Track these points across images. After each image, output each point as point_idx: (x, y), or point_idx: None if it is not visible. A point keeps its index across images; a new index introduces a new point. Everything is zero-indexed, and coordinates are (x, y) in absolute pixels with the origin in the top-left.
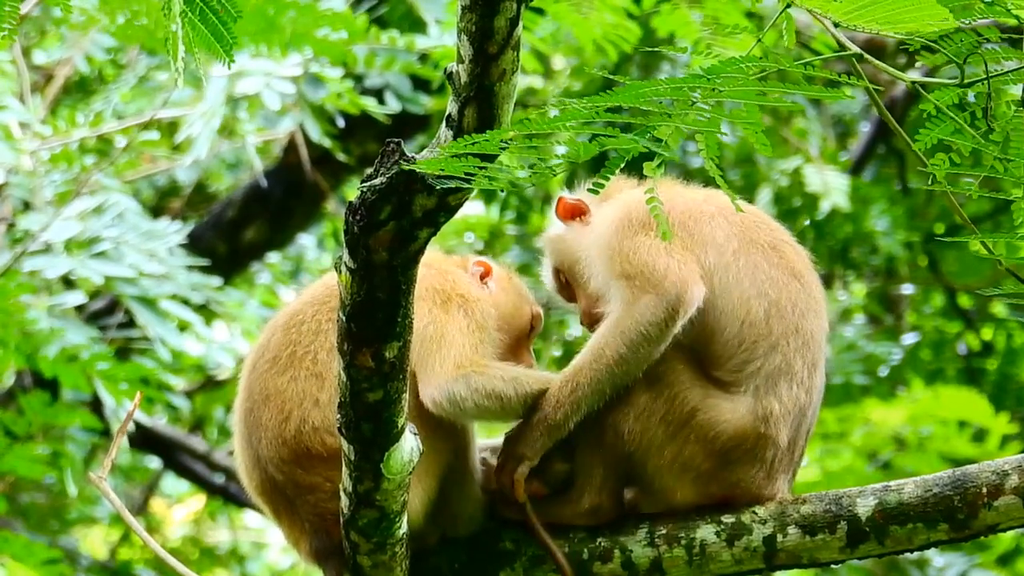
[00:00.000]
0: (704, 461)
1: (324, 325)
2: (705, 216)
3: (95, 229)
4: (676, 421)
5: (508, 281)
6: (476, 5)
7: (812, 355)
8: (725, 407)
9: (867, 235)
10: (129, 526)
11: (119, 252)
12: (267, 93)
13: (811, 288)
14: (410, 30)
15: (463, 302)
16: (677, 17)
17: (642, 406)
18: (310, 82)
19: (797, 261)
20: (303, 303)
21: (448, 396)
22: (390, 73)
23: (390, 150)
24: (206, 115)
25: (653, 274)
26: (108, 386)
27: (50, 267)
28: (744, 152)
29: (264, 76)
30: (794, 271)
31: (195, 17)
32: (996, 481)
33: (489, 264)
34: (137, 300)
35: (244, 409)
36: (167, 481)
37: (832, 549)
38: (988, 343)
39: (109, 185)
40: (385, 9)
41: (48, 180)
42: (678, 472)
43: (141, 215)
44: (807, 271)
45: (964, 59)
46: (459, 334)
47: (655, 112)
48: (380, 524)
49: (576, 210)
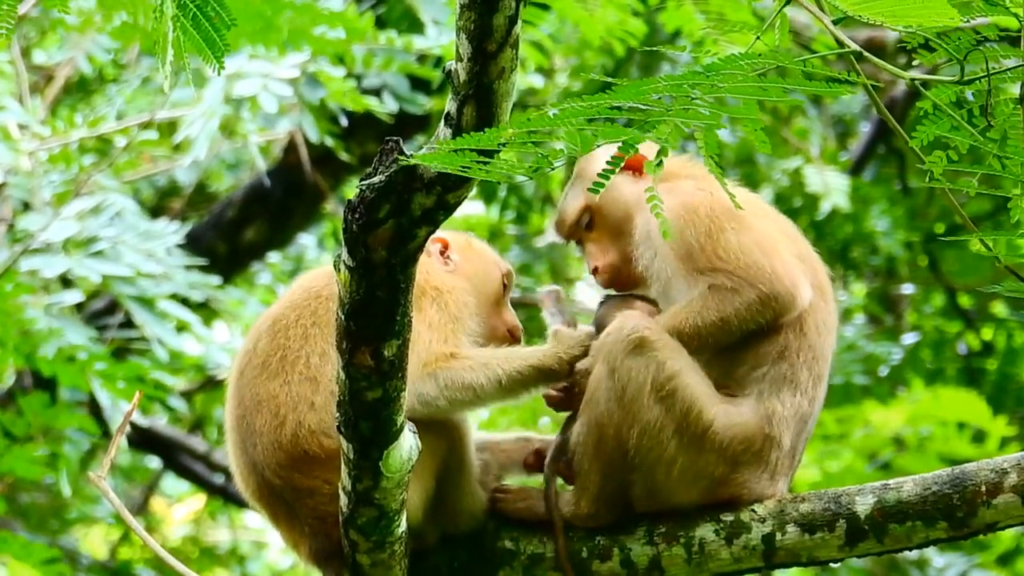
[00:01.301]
0: (716, 468)
1: (310, 330)
2: (766, 215)
3: (93, 229)
4: (691, 435)
5: (469, 248)
6: (475, 3)
7: (819, 368)
8: (733, 412)
9: (867, 235)
10: (129, 526)
11: (117, 252)
12: (264, 95)
13: (831, 306)
14: (408, 30)
15: (437, 295)
16: (683, 13)
17: (652, 422)
18: (308, 83)
19: (822, 276)
20: (284, 307)
21: (418, 398)
22: (388, 73)
23: (389, 148)
24: (205, 116)
25: (760, 273)
26: (106, 385)
27: (48, 266)
28: (744, 152)
29: (261, 78)
30: (821, 287)
31: (187, 22)
32: (995, 479)
33: (445, 238)
34: (135, 300)
35: (236, 416)
36: (167, 481)
37: (831, 547)
38: (988, 343)
39: (108, 185)
40: (383, 9)
41: (47, 180)
42: (690, 480)
43: (139, 215)
44: (828, 287)
45: (964, 56)
46: (426, 330)
47: (655, 109)
48: (379, 523)
49: (637, 163)
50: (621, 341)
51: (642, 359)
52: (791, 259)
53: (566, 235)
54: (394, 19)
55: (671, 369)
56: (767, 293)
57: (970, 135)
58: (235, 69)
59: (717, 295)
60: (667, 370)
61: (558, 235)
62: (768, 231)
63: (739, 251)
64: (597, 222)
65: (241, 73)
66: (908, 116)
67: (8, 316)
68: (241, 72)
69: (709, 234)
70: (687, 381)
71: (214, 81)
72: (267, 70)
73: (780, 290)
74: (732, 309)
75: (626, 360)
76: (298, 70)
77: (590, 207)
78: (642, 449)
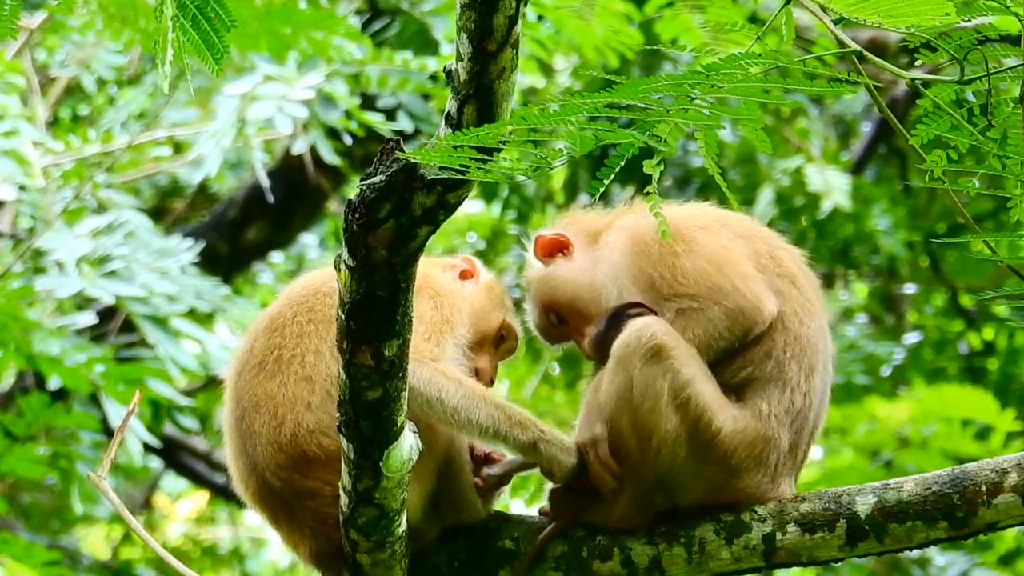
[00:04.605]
0: (718, 474)
1: (306, 328)
2: (710, 227)
3: (107, 247)
4: (700, 441)
5: (488, 287)
6: (475, 3)
7: (809, 359)
8: (739, 418)
9: (868, 235)
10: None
11: (130, 271)
12: (279, 117)
13: (807, 291)
14: (421, 49)
15: (434, 294)
16: (679, 23)
17: (669, 429)
18: (323, 103)
19: (793, 265)
20: (281, 306)
21: None
22: (403, 93)
23: (389, 148)
24: (216, 135)
25: (720, 293)
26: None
27: (61, 286)
28: (745, 152)
29: (277, 100)
30: (792, 278)
31: (187, 23)
32: (995, 479)
33: (475, 265)
34: (148, 319)
35: (235, 417)
36: (168, 480)
37: (831, 547)
38: (990, 343)
39: (121, 202)
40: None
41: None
42: (692, 484)
43: (153, 232)
44: (802, 273)
45: (964, 55)
46: (417, 322)
47: (655, 109)
48: (379, 522)
49: (557, 245)
50: (640, 349)
51: (659, 367)
52: (747, 269)
53: (552, 340)
54: (407, 37)
55: (686, 376)
56: (731, 308)
57: (971, 134)
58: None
59: (684, 319)
60: (682, 377)
61: (551, 344)
62: (716, 245)
63: (695, 274)
64: (561, 313)
65: (256, 95)
66: (909, 116)
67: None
68: (256, 95)
69: (663, 261)
70: (700, 388)
71: (228, 100)
72: (283, 92)
73: (744, 304)
74: (702, 330)
75: (644, 368)
76: (313, 92)
77: (546, 305)
78: (658, 455)
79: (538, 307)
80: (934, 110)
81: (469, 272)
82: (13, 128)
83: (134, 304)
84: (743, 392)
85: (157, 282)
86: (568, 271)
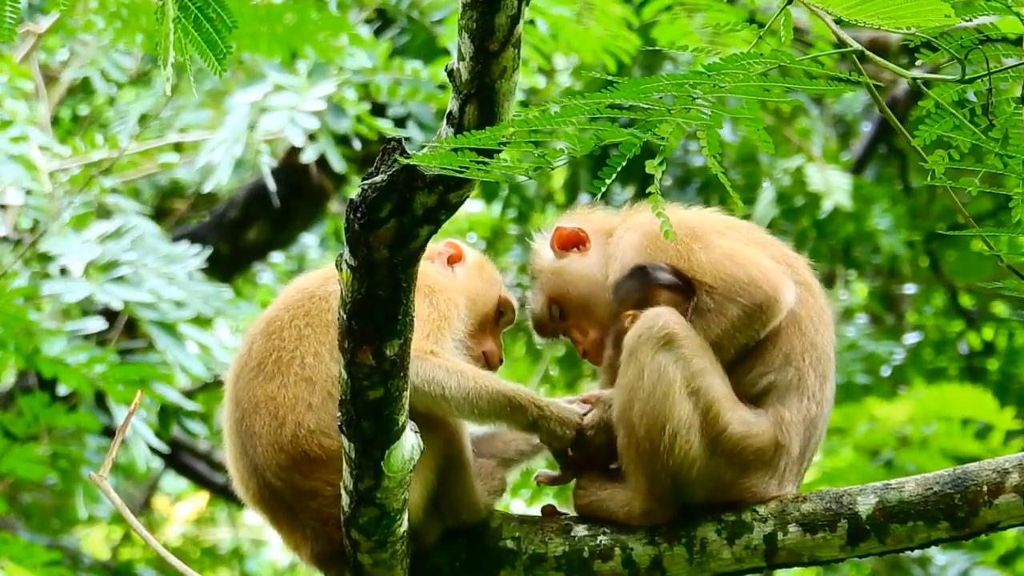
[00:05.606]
0: (725, 472)
1: (304, 331)
2: (723, 231)
3: (114, 252)
4: (708, 435)
5: (478, 267)
6: (477, 2)
7: (823, 367)
8: (750, 419)
9: (869, 234)
10: (131, 525)
11: (138, 276)
12: (291, 129)
13: (820, 300)
14: (431, 58)
15: (429, 292)
16: (677, 27)
17: (682, 419)
18: (333, 110)
19: (805, 273)
20: (278, 309)
21: None
22: (413, 102)
23: (391, 147)
24: (227, 143)
25: (737, 285)
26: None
27: (69, 292)
28: (746, 151)
29: (288, 110)
30: (808, 286)
31: (189, 23)
32: (997, 479)
33: (460, 248)
34: (156, 324)
35: (234, 419)
36: (168, 480)
37: (832, 547)
38: (990, 343)
39: (128, 207)
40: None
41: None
42: (700, 480)
43: (159, 237)
44: (813, 283)
45: (965, 55)
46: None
47: (656, 109)
48: (381, 522)
49: (575, 239)
50: (652, 338)
51: (671, 354)
52: (765, 261)
53: (547, 334)
54: (416, 46)
55: (698, 366)
56: (748, 304)
57: (972, 134)
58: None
59: (701, 317)
60: (694, 366)
61: (542, 337)
62: (733, 243)
63: (711, 267)
64: (566, 308)
65: (267, 107)
66: (910, 115)
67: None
68: (268, 105)
69: (680, 256)
70: (710, 381)
71: (239, 108)
72: (293, 102)
73: (761, 297)
74: (720, 328)
75: (656, 356)
76: (324, 102)
77: (553, 298)
78: (673, 443)
79: (544, 297)
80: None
81: (456, 256)
82: (22, 134)
83: (142, 310)
84: (765, 399)
85: (165, 288)
86: (582, 267)
